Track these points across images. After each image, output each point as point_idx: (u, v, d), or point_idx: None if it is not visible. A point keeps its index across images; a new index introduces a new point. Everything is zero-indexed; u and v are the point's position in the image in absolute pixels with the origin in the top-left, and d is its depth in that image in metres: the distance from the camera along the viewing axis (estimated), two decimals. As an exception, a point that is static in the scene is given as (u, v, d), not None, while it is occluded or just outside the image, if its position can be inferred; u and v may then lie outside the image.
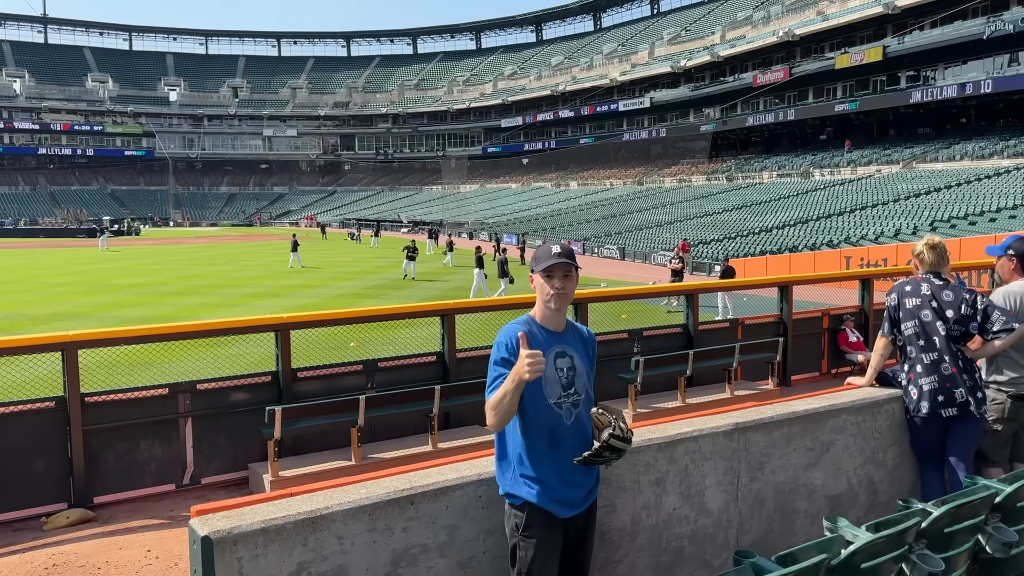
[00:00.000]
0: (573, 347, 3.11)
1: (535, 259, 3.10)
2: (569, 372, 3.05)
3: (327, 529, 2.52)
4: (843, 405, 3.93)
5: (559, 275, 3.03)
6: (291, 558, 2.46)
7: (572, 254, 3.11)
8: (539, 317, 3.09)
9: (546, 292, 3.03)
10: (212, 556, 2.32)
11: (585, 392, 3.12)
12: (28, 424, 7.13)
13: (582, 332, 3.26)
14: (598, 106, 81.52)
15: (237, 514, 2.46)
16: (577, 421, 3.06)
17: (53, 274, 32.82)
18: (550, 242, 3.19)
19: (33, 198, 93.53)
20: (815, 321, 11.81)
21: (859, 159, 52.73)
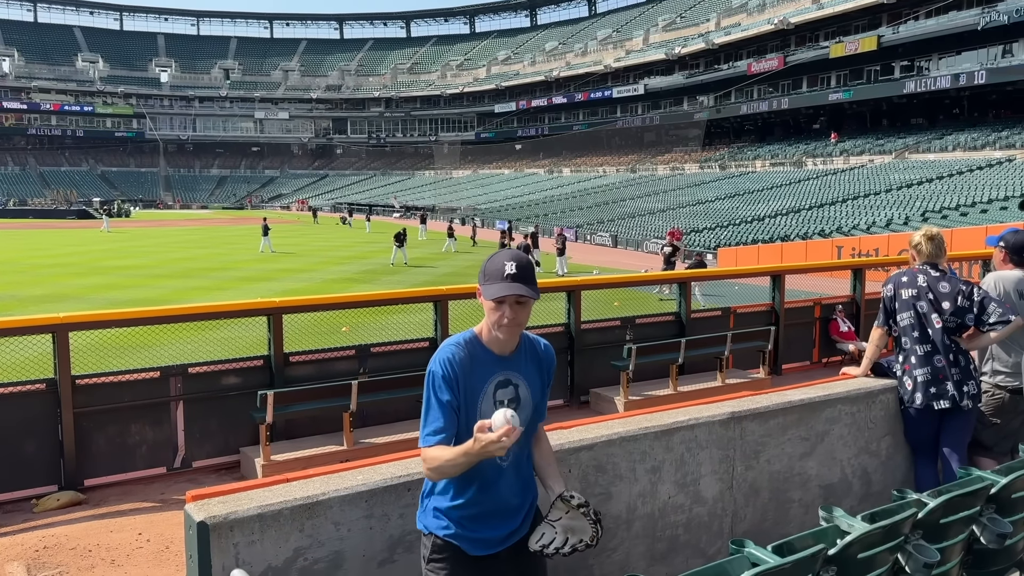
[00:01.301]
0: (522, 371, 2.64)
1: (484, 272, 2.56)
2: (511, 405, 2.57)
3: (324, 515, 2.51)
4: (838, 395, 3.94)
5: (510, 302, 2.51)
6: (287, 544, 2.45)
7: (530, 275, 2.54)
8: (484, 337, 2.61)
9: (494, 319, 2.54)
10: (208, 542, 2.31)
11: (527, 427, 2.64)
12: (18, 406, 7.09)
13: (537, 348, 2.74)
14: (592, 92, 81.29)
15: (233, 499, 2.44)
16: (515, 460, 2.64)
17: (43, 255, 32.60)
18: (503, 255, 2.57)
19: (22, 178, 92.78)
20: (807, 310, 11.84)
21: (852, 149, 52.81)
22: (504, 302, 2.50)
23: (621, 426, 3.22)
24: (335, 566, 2.54)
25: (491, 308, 2.53)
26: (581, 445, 3.06)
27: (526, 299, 2.54)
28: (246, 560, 2.37)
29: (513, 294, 2.48)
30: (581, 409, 9.62)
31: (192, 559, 2.35)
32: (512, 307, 2.51)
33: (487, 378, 2.57)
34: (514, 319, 2.52)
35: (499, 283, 2.48)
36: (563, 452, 3.01)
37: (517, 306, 2.51)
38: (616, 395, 9.27)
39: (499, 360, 2.60)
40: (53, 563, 5.92)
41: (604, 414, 9.20)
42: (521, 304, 2.53)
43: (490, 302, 2.52)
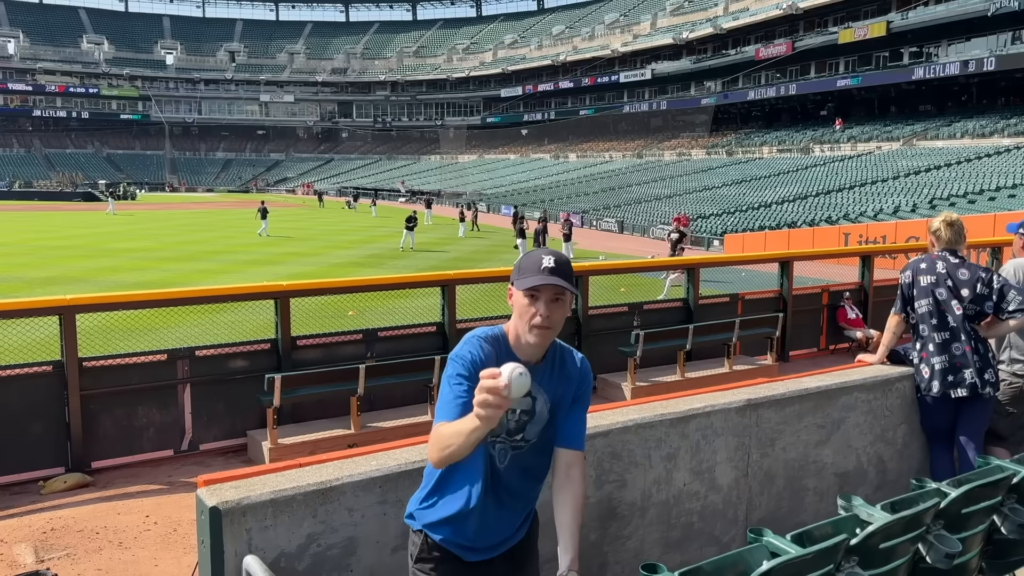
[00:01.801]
0: (545, 384, 2.39)
1: (518, 268, 2.37)
2: (523, 417, 2.36)
3: (337, 501, 2.47)
4: (855, 382, 3.89)
5: (546, 298, 2.29)
6: (301, 529, 2.42)
7: (569, 271, 2.33)
8: (512, 339, 2.38)
9: (526, 319, 2.30)
10: (220, 527, 2.28)
11: (539, 440, 2.42)
12: (25, 388, 7.10)
13: (569, 362, 2.47)
14: (599, 77, 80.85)
15: (246, 484, 2.41)
16: (516, 467, 2.42)
17: (49, 237, 32.62)
18: (540, 251, 2.36)
19: (28, 160, 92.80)
20: (815, 297, 11.80)
21: (859, 135, 52.50)
22: (539, 296, 2.28)
23: (637, 413, 3.18)
24: (348, 552, 2.51)
25: (523, 306, 2.31)
26: (596, 432, 3.02)
27: (563, 297, 2.32)
28: (259, 546, 2.34)
29: (550, 284, 2.26)
30: (588, 395, 9.59)
31: (204, 544, 2.32)
32: (548, 304, 2.29)
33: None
34: (548, 318, 2.28)
35: (535, 275, 2.28)
36: (578, 438, 2.96)
37: (553, 304, 2.30)
38: (623, 381, 9.24)
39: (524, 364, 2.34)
40: (61, 545, 5.93)
41: (611, 400, 9.22)
42: (557, 302, 2.31)
43: (523, 298, 2.31)
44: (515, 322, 2.37)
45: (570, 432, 2.46)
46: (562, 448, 2.45)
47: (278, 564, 2.37)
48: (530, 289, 2.28)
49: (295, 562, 2.41)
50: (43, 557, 5.73)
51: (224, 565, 2.28)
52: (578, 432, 2.47)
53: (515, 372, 1.96)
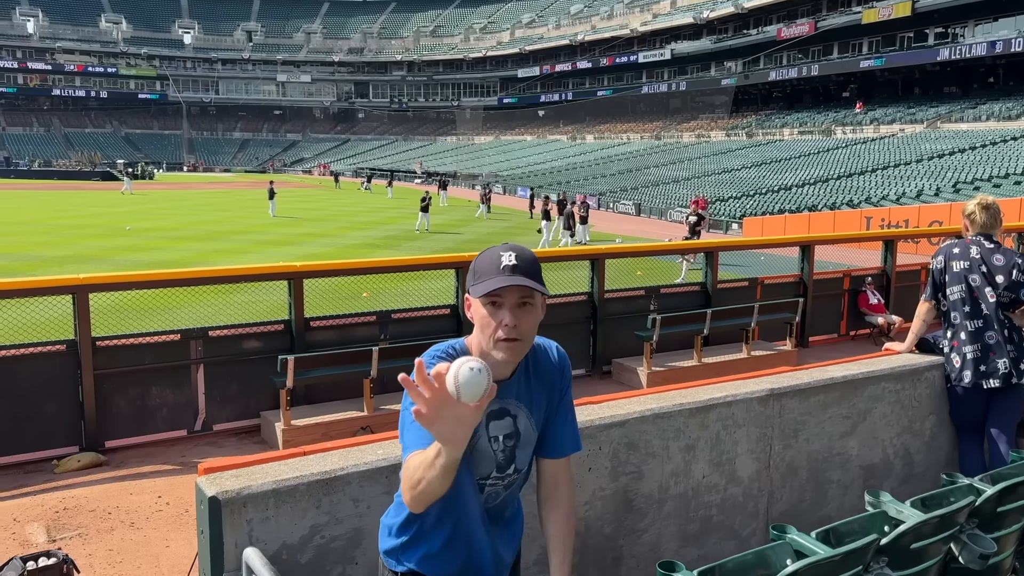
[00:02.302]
0: (522, 397, 2.04)
1: (473, 271, 1.96)
2: (508, 443, 2.01)
3: (342, 491, 2.38)
4: (882, 372, 3.75)
5: (511, 304, 1.89)
6: (303, 520, 2.32)
7: (535, 268, 1.94)
8: (476, 355, 1.97)
9: (489, 332, 1.90)
10: (220, 517, 2.19)
11: (527, 467, 2.11)
12: (40, 367, 7.10)
13: (543, 364, 2.11)
14: (617, 57, 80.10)
15: (247, 473, 2.31)
16: (503, 503, 2.11)
17: (67, 216, 32.80)
18: (497, 247, 1.98)
19: (47, 140, 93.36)
20: (836, 282, 11.62)
21: (882, 117, 51.75)
22: (502, 302, 1.88)
23: (655, 402, 3.06)
24: (353, 544, 2.41)
25: (484, 317, 1.91)
26: (612, 422, 2.90)
27: (532, 300, 1.91)
28: (260, 537, 2.25)
29: (514, 285, 1.86)
30: (603, 379, 9.51)
31: (204, 535, 2.23)
32: (513, 311, 1.88)
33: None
34: (515, 328, 1.88)
35: (495, 276, 1.88)
36: (593, 428, 2.85)
37: (520, 310, 1.90)
38: (639, 365, 9.13)
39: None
40: (73, 525, 5.91)
41: (627, 384, 9.11)
42: (525, 307, 1.90)
43: (483, 308, 1.91)
44: (477, 336, 1.97)
45: (555, 440, 2.13)
46: (544, 458, 2.14)
47: (280, 556, 2.29)
48: (490, 295, 1.89)
49: (297, 554, 2.32)
50: (55, 537, 5.72)
51: (224, 556, 2.20)
52: (564, 438, 2.14)
53: (464, 366, 1.60)
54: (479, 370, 1.60)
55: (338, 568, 2.40)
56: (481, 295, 1.90)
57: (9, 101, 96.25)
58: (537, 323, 1.96)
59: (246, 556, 2.14)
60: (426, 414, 1.63)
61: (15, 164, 76.83)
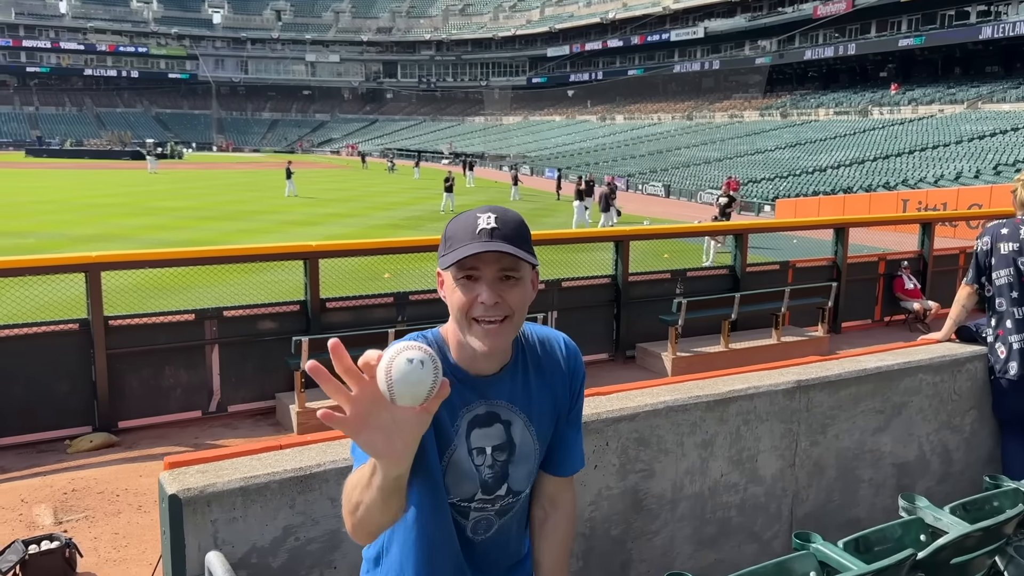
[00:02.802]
0: (520, 401, 1.63)
1: (445, 239, 1.57)
2: (498, 457, 1.61)
3: (319, 489, 2.17)
4: (920, 363, 3.46)
5: (490, 277, 1.50)
6: (275, 522, 2.12)
7: (520, 232, 1.54)
8: (454, 347, 1.61)
9: (464, 312, 1.52)
10: (181, 517, 1.99)
11: (527, 488, 1.69)
12: (52, 346, 7.05)
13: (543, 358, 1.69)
14: (649, 35, 78.93)
15: (214, 469, 2.11)
16: (499, 533, 1.68)
17: (96, 195, 33.08)
18: (477, 210, 1.56)
19: (79, 119, 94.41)
20: (871, 266, 11.28)
21: (921, 98, 50.49)
22: (478, 275, 1.49)
23: (668, 394, 2.81)
24: (331, 547, 2.21)
25: (458, 296, 1.52)
26: (622, 415, 2.66)
27: (516, 273, 1.52)
28: (226, 540, 2.05)
29: (492, 251, 1.47)
30: (626, 364, 9.28)
31: (165, 535, 2.04)
32: (493, 285, 1.50)
33: (457, 410, 1.57)
34: (497, 306, 1.49)
35: (469, 243, 1.49)
36: (599, 422, 2.61)
37: (502, 284, 1.50)
38: (664, 351, 8.89)
39: (478, 381, 1.60)
40: (80, 507, 5.82)
41: (650, 370, 8.87)
42: (508, 281, 1.51)
43: (454, 281, 1.52)
44: (452, 322, 1.59)
45: (562, 454, 1.74)
46: (548, 474, 1.75)
47: (249, 560, 2.09)
48: (462, 266, 1.49)
49: (269, 558, 2.12)
50: (61, 519, 5.63)
51: (185, 560, 2.00)
52: (573, 453, 1.76)
53: (400, 356, 1.21)
54: (420, 362, 1.20)
55: (315, 572, 2.20)
56: (451, 265, 1.50)
57: (42, 81, 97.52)
58: (525, 302, 1.55)
59: (208, 561, 1.95)
60: (349, 419, 1.22)
61: (47, 143, 77.80)
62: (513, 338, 1.59)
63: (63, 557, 4.75)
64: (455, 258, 1.48)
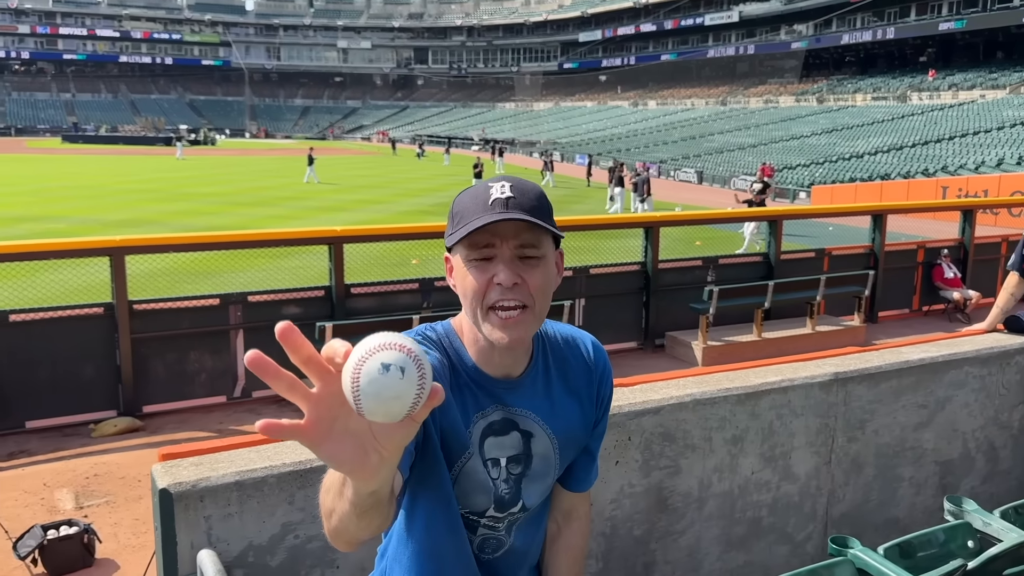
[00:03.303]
0: (543, 411, 1.45)
1: (453, 214, 1.37)
2: (512, 468, 1.43)
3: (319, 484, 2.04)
4: (965, 355, 3.26)
5: (507, 253, 1.30)
6: (273, 518, 2.00)
7: (541, 204, 1.34)
8: (468, 342, 1.42)
9: (478, 297, 1.32)
10: (172, 513, 1.87)
11: (544, 503, 1.55)
12: (77, 329, 7.06)
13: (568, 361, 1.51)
14: (682, 19, 77.87)
15: (209, 462, 1.99)
16: (508, 560, 1.53)
17: (129, 181, 33.42)
18: (489, 180, 1.36)
19: (114, 105, 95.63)
20: (909, 254, 10.97)
21: (961, 83, 49.25)
22: (493, 253, 1.30)
23: (696, 386, 2.64)
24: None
25: (470, 280, 1.32)
26: (645, 408, 2.50)
27: (538, 251, 1.32)
28: (220, 537, 1.93)
29: (509, 219, 1.27)
30: (655, 353, 9.10)
31: (158, 531, 1.92)
32: (511, 264, 1.30)
33: (471, 415, 1.39)
34: (516, 289, 1.29)
35: (482, 214, 1.29)
36: (621, 416, 2.46)
37: (523, 264, 1.31)
38: (694, 340, 8.70)
39: (495, 384, 1.41)
40: (102, 492, 5.80)
41: (680, 359, 8.67)
42: (529, 262, 1.31)
43: (466, 264, 1.32)
44: (465, 314, 1.39)
45: (582, 470, 1.59)
46: (567, 491, 1.60)
47: (245, 559, 1.97)
48: (474, 241, 1.30)
49: (267, 556, 2.00)
50: (82, 504, 5.61)
51: (177, 558, 1.89)
52: (591, 466, 1.60)
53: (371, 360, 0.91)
54: (400, 369, 0.90)
55: (316, 572, 2.08)
56: (460, 240, 1.30)
57: (79, 68, 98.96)
58: (549, 287, 1.33)
59: (199, 560, 1.83)
60: (306, 426, 0.94)
61: (83, 129, 78.91)
62: (536, 330, 1.37)
63: (81, 543, 4.71)
64: (466, 231, 1.28)
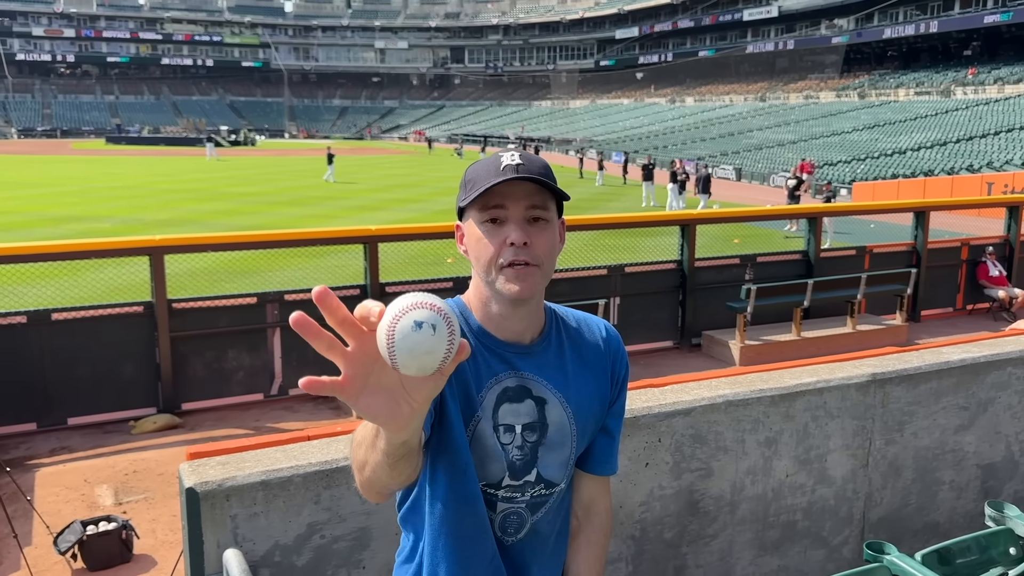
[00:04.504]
0: (557, 380, 1.47)
1: (465, 182, 1.47)
2: (528, 436, 1.45)
3: (345, 484, 2.04)
4: (1009, 355, 3.16)
5: (518, 214, 1.39)
6: (299, 518, 2.00)
7: (547, 173, 1.43)
8: (479, 311, 1.48)
9: (490, 256, 1.40)
10: (199, 512, 1.88)
11: (569, 475, 1.54)
12: (118, 328, 7.19)
13: (583, 337, 1.55)
14: (720, 15, 77.01)
15: (235, 461, 2.00)
16: (532, 537, 1.51)
17: (171, 181, 34.00)
18: (500, 151, 1.51)
19: (157, 107, 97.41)
20: (953, 251, 10.72)
21: (1008, 77, 48.00)
22: (504, 216, 1.39)
23: (728, 387, 2.59)
24: (360, 545, 2.07)
25: (481, 241, 1.41)
26: (676, 409, 2.46)
27: (546, 214, 1.41)
28: (247, 536, 1.93)
29: (519, 179, 1.36)
30: (692, 352, 9.01)
31: (185, 530, 1.93)
32: (522, 225, 1.38)
33: (484, 380, 1.42)
34: (527, 249, 1.38)
35: (495, 176, 1.38)
36: (651, 417, 2.42)
37: (532, 226, 1.39)
38: (731, 339, 8.59)
39: (507, 349, 1.45)
40: (140, 488, 5.90)
41: (717, 359, 8.57)
42: (538, 224, 1.40)
43: (479, 227, 1.41)
44: (476, 282, 1.47)
45: (603, 451, 1.58)
46: (588, 474, 1.59)
47: (271, 558, 1.97)
48: (487, 202, 1.39)
49: (293, 556, 2.00)
50: (121, 500, 5.71)
51: (204, 558, 1.89)
52: (612, 451, 1.59)
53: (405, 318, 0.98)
54: (432, 326, 0.98)
55: (342, 572, 2.08)
56: (474, 200, 1.39)
57: (122, 70, 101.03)
58: (554, 251, 1.43)
59: (225, 559, 1.84)
60: (345, 381, 1.02)
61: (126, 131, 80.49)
62: (543, 287, 1.43)
63: (120, 538, 4.79)
64: (480, 190, 1.37)
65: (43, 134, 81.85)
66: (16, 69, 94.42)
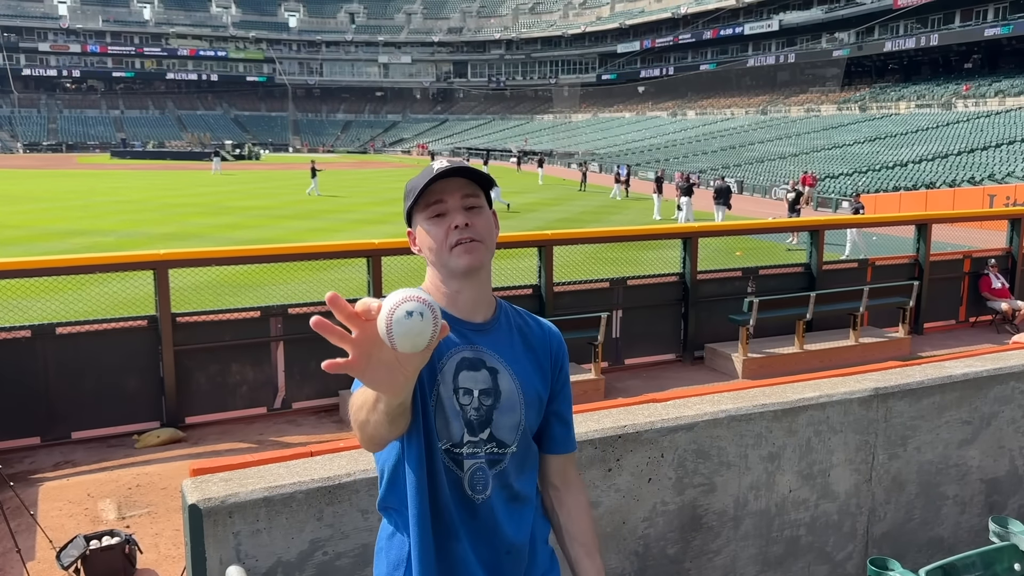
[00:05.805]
0: (507, 355, 1.71)
1: (407, 191, 1.75)
2: (483, 400, 1.66)
3: (348, 501, 2.04)
4: (1012, 369, 3.16)
5: (456, 204, 1.68)
6: (302, 535, 2.00)
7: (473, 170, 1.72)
8: (435, 298, 1.73)
9: (440, 242, 1.68)
10: (201, 529, 1.88)
11: (520, 445, 1.72)
12: (122, 342, 7.20)
13: (529, 326, 1.80)
14: (721, 29, 77.30)
15: (238, 477, 2.00)
16: (498, 498, 1.69)
17: (175, 195, 34.11)
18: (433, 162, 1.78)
19: (161, 122, 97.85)
20: (955, 264, 10.72)
21: (1008, 89, 48.10)
22: (445, 208, 1.66)
23: (731, 402, 2.59)
24: (363, 562, 2.08)
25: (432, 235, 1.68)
26: (678, 424, 2.46)
27: (479, 203, 1.70)
28: (249, 553, 1.94)
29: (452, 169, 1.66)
30: (695, 366, 9.00)
31: (187, 547, 1.93)
32: (461, 212, 1.66)
33: (444, 352, 1.65)
34: (469, 228, 1.65)
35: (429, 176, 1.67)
36: (653, 432, 2.42)
37: (470, 212, 1.67)
38: (734, 352, 8.58)
39: (464, 326, 1.70)
40: (144, 502, 5.90)
41: (720, 371, 8.56)
42: (474, 211, 1.68)
43: (427, 223, 1.69)
44: (430, 274, 1.75)
45: (561, 430, 1.83)
46: (551, 454, 1.83)
47: (274, 575, 1.97)
48: (429, 201, 1.67)
49: (296, 573, 2.00)
50: (125, 514, 5.71)
51: (207, 574, 1.89)
52: (568, 430, 1.85)
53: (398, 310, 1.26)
54: (420, 314, 1.26)
55: (345, 588, 2.07)
56: (418, 203, 1.69)
57: (127, 85, 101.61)
58: (492, 231, 1.73)
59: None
60: (353, 361, 1.30)
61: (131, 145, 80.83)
62: (488, 260, 1.72)
63: (123, 553, 4.78)
64: (421, 185, 1.66)
65: (48, 148, 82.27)
66: (22, 84, 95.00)
